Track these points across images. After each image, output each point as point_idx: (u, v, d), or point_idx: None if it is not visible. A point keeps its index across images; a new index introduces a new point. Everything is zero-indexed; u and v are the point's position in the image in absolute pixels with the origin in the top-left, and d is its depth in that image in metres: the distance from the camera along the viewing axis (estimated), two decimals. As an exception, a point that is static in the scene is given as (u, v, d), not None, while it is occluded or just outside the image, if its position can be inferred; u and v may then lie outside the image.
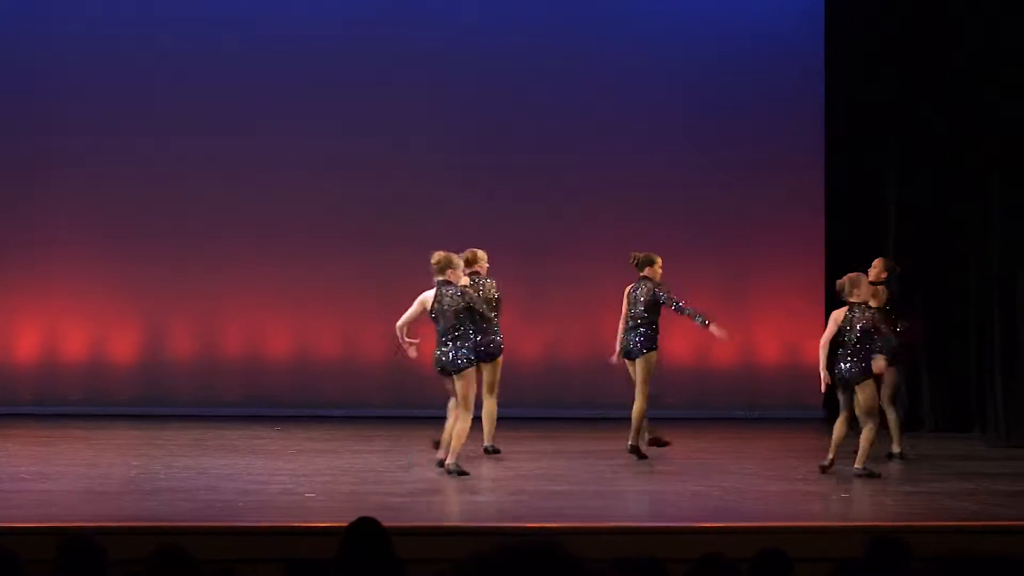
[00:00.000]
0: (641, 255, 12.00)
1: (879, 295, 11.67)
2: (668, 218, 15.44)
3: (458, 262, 10.82)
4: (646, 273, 11.93)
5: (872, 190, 14.91)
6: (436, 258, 10.71)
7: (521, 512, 9.61)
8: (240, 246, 15.33)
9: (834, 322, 10.95)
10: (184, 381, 15.31)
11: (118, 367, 15.26)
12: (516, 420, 13.21)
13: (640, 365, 11.89)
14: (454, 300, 10.60)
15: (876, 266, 12.19)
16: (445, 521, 8.83)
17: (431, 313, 10.66)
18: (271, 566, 7.28)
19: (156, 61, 15.25)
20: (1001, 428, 13.28)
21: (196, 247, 15.27)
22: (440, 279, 10.66)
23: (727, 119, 15.55)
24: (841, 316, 10.92)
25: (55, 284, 15.17)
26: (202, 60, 15.29)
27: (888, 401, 11.94)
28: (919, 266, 13.97)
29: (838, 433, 10.99)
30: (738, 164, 15.56)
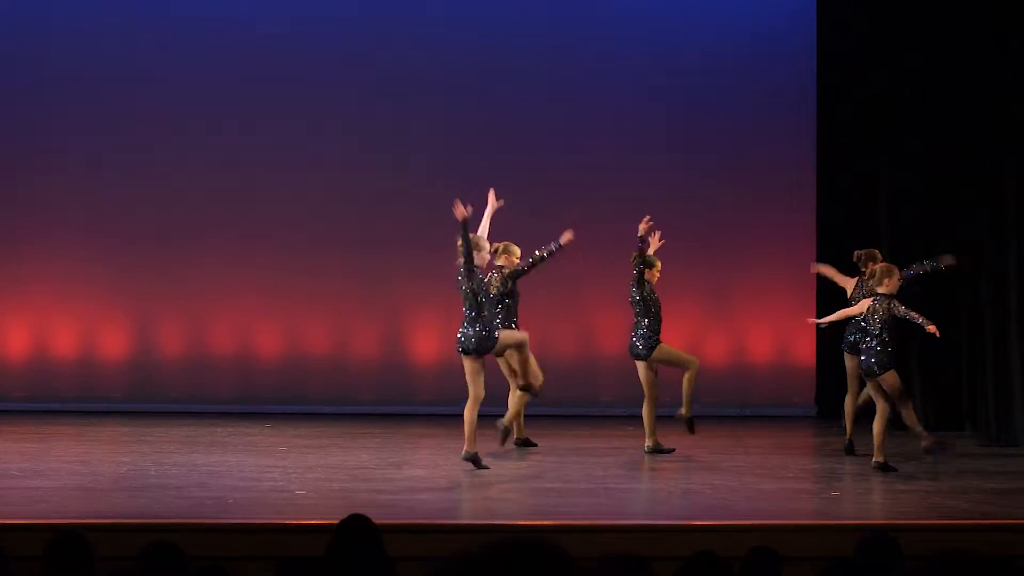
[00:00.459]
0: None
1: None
2: (658, 216, 15.33)
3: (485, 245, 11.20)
4: (644, 276, 12.08)
5: (863, 188, 14.91)
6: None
7: (512, 510, 9.62)
8: (230, 243, 15.31)
9: (858, 308, 11.32)
10: (175, 378, 15.28)
11: (109, 364, 15.24)
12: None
13: (639, 367, 11.98)
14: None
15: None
16: (436, 518, 8.82)
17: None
18: (261, 563, 7.28)
19: (145, 60, 15.21)
20: (992, 427, 13.28)
21: (187, 244, 15.24)
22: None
23: (717, 116, 15.54)
24: (865, 306, 11.09)
25: (45, 280, 15.13)
26: (191, 61, 15.25)
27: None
28: (910, 264, 13.95)
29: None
30: (728, 161, 15.55)
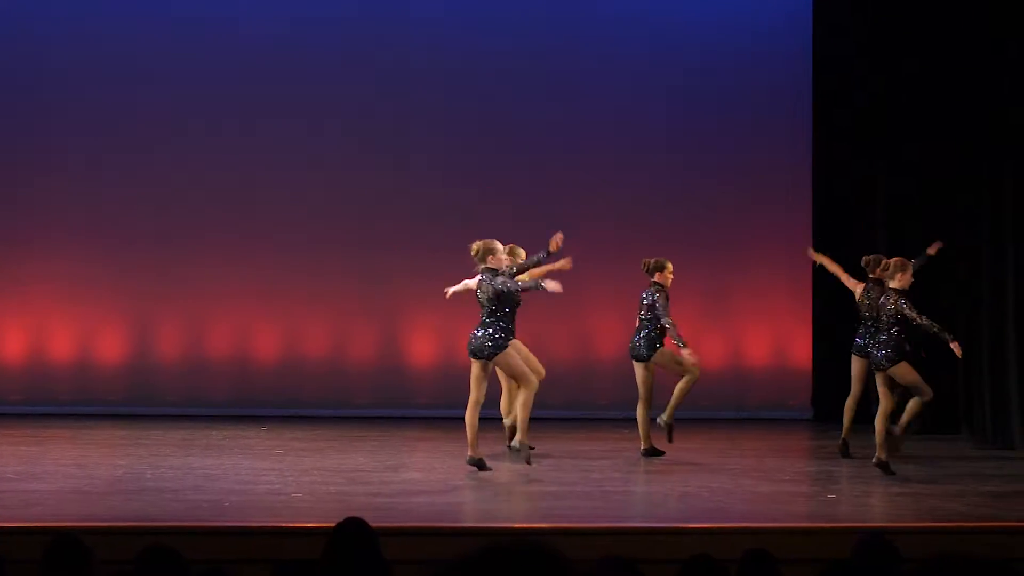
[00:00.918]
0: (652, 261, 12.16)
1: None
2: (654, 218, 15.44)
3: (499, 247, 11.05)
4: (656, 279, 12.06)
5: (860, 191, 14.92)
6: (475, 247, 10.98)
7: (509, 513, 9.62)
8: (227, 246, 15.31)
9: (861, 294, 11.54)
10: (171, 381, 15.28)
11: (105, 367, 15.23)
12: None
13: (637, 368, 11.98)
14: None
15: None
16: (432, 522, 8.81)
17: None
18: (258, 566, 7.27)
19: (143, 60, 15.22)
20: (989, 429, 13.29)
21: (184, 247, 15.24)
22: (483, 267, 10.92)
23: (714, 119, 15.55)
24: (878, 294, 11.19)
25: (42, 283, 15.13)
26: (191, 61, 15.26)
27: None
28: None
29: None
30: (725, 164, 15.56)
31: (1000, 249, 13.22)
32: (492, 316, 10.82)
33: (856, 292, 12.40)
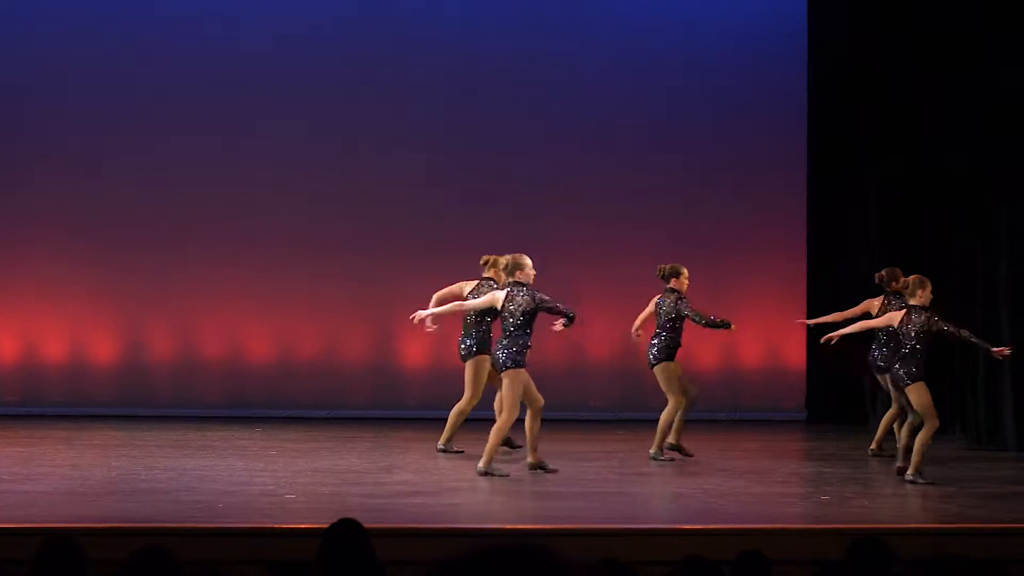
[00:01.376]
0: (667, 267, 12.09)
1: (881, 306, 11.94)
2: (649, 220, 15.43)
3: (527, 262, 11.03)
4: (672, 285, 12.01)
5: (854, 193, 14.93)
6: (504, 260, 11.01)
7: (503, 514, 9.62)
8: (221, 247, 15.29)
9: (886, 319, 11.18)
10: (165, 382, 15.27)
11: (99, 368, 15.21)
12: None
13: (657, 374, 11.96)
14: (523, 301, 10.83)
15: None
16: (426, 523, 8.82)
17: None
18: (252, 567, 7.28)
19: (137, 61, 15.20)
20: (982, 431, 13.30)
21: (177, 248, 15.22)
22: (511, 280, 10.89)
23: (708, 122, 15.55)
24: (898, 317, 10.98)
25: (35, 285, 15.11)
26: (182, 62, 15.24)
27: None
28: (901, 269, 13.96)
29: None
30: (719, 166, 15.55)
31: (994, 252, 13.23)
32: (519, 329, 10.80)
33: (873, 309, 12.16)
